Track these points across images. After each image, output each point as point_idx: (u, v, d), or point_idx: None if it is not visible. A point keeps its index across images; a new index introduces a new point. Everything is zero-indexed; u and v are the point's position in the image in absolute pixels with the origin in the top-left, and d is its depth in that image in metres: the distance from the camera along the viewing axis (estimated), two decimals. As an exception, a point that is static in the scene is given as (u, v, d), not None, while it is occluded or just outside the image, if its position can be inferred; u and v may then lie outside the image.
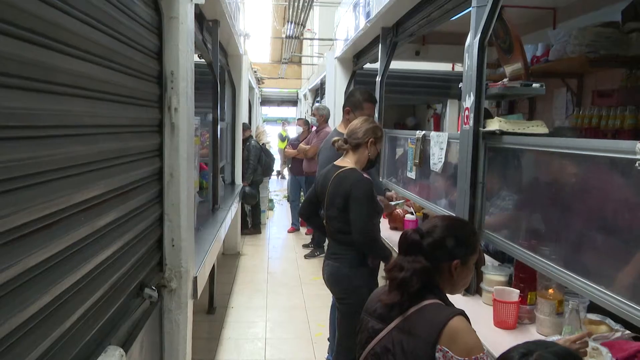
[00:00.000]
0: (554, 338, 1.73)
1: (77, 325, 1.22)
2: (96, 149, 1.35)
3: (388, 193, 3.75)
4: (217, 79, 4.24)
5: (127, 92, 1.60)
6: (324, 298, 3.52)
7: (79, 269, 1.21)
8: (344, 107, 3.25)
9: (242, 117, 6.52)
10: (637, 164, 1.28)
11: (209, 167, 4.44)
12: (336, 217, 2.47)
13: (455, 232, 1.52)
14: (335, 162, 2.55)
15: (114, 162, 1.48)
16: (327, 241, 2.70)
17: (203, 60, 4.16)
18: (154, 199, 1.95)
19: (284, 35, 8.76)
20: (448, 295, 1.55)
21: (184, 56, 2.03)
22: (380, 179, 4.13)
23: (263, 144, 7.94)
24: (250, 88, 9.02)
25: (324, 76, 6.96)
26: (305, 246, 6.63)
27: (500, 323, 1.93)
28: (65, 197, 1.16)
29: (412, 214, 3.43)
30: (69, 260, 1.17)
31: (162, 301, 2.07)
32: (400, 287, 1.46)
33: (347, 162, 2.50)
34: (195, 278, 2.28)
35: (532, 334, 1.90)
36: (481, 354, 1.35)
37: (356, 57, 5.83)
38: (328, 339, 3.35)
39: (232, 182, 6.16)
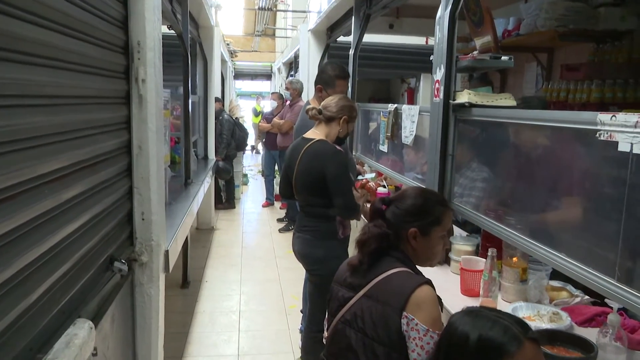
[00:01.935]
0: (518, 305, 1.80)
1: (43, 298, 1.20)
2: (59, 119, 1.32)
3: (359, 168, 3.77)
4: (187, 50, 4.15)
5: (92, 62, 1.55)
6: (298, 271, 3.55)
7: (43, 242, 1.19)
8: (315, 83, 3.20)
9: (215, 90, 6.42)
10: (597, 135, 1.31)
11: (181, 141, 4.38)
12: (307, 190, 2.48)
13: (418, 201, 1.56)
14: (304, 135, 2.54)
15: (79, 133, 1.45)
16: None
17: (173, 31, 4.06)
18: (123, 172, 1.92)
19: (256, 7, 8.60)
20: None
21: (151, 26, 1.97)
22: (353, 153, 4.14)
23: (236, 118, 7.86)
24: (223, 61, 8.85)
25: (298, 49, 6.88)
26: (279, 220, 6.65)
27: (467, 291, 1.99)
28: (28, 169, 1.13)
29: (384, 187, 3.46)
30: (33, 233, 1.15)
31: (133, 275, 2.06)
32: (359, 247, 1.54)
33: (317, 134, 2.50)
34: (167, 252, 2.27)
35: (497, 301, 1.97)
36: (437, 332, 1.39)
37: (330, 30, 5.78)
38: (301, 311, 3.40)
39: (205, 157, 6.10)
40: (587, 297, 1.86)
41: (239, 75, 16.28)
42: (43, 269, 1.20)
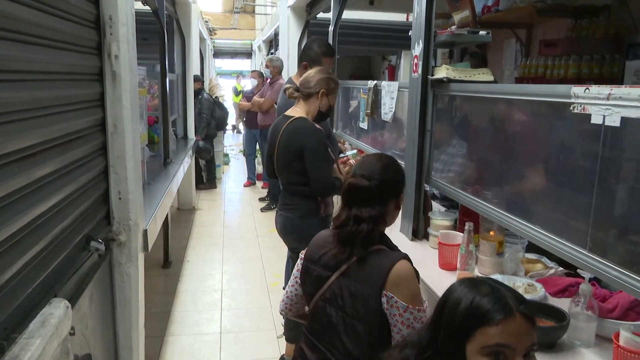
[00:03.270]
0: (494, 277, 1.83)
1: (16, 277, 1.18)
2: (28, 95, 1.28)
3: (340, 146, 3.75)
4: (163, 27, 4.06)
5: (61, 37, 1.50)
6: (280, 249, 3.57)
7: (14, 221, 1.16)
8: (300, 61, 3.12)
9: (194, 69, 6.31)
10: (571, 107, 1.33)
11: (159, 120, 4.32)
12: (288, 168, 2.47)
13: (392, 168, 1.56)
14: (285, 112, 2.52)
15: (49, 110, 1.41)
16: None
17: (148, 7, 3.96)
18: (97, 150, 1.88)
19: (235, -17, 8.44)
20: (394, 238, 1.60)
21: (123, 0, 1.92)
22: (334, 131, 4.12)
23: (216, 97, 7.76)
24: (202, 39, 8.70)
25: (278, 26, 6.79)
26: (261, 199, 6.64)
27: (445, 265, 2.02)
28: (-4, 146, 1.10)
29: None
30: (3, 212, 1.12)
31: (112, 254, 2.04)
32: (365, 239, 1.46)
33: (297, 111, 2.48)
34: (146, 231, 2.25)
35: (474, 274, 2.00)
36: (422, 307, 1.41)
37: (309, 7, 5.70)
38: (284, 288, 3.42)
39: (185, 136, 6.03)
40: (561, 268, 1.90)
41: (218, 53, 16.02)
42: (15, 248, 1.18)
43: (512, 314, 0.97)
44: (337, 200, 3.01)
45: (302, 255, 1.66)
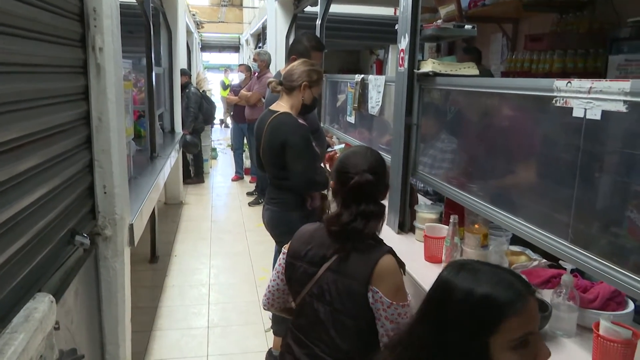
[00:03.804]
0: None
1: (-1, 272, 1.18)
2: (9, 88, 1.26)
3: (328, 140, 3.75)
4: (149, 20, 4.02)
5: (44, 29, 1.49)
6: (268, 244, 3.57)
7: (-3, 215, 1.16)
8: (289, 54, 3.10)
9: (181, 62, 6.27)
10: (553, 101, 1.34)
11: (145, 114, 4.29)
12: (273, 163, 2.47)
13: (381, 160, 1.56)
14: (270, 107, 2.52)
15: (32, 103, 1.39)
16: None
17: (134, 0, 3.92)
18: (82, 144, 1.86)
19: (222, -24, 8.38)
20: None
21: (107, -9, 1.90)
22: (322, 124, 4.12)
23: (203, 91, 7.71)
24: (189, 32, 8.64)
25: (266, 20, 6.76)
26: (249, 194, 6.63)
27: (430, 257, 2.04)
28: (-24, 140, 1.09)
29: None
30: (-15, 206, 1.11)
31: (97, 249, 2.03)
32: (370, 235, 1.48)
33: (281, 106, 2.47)
34: (132, 225, 2.23)
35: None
36: (406, 302, 1.42)
37: (297, 0, 5.68)
38: (271, 282, 3.42)
39: (172, 130, 5.99)
40: (544, 260, 1.93)
41: (205, 47, 15.91)
42: (-3, 242, 1.17)
43: (526, 298, 0.92)
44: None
45: (285, 250, 1.66)
